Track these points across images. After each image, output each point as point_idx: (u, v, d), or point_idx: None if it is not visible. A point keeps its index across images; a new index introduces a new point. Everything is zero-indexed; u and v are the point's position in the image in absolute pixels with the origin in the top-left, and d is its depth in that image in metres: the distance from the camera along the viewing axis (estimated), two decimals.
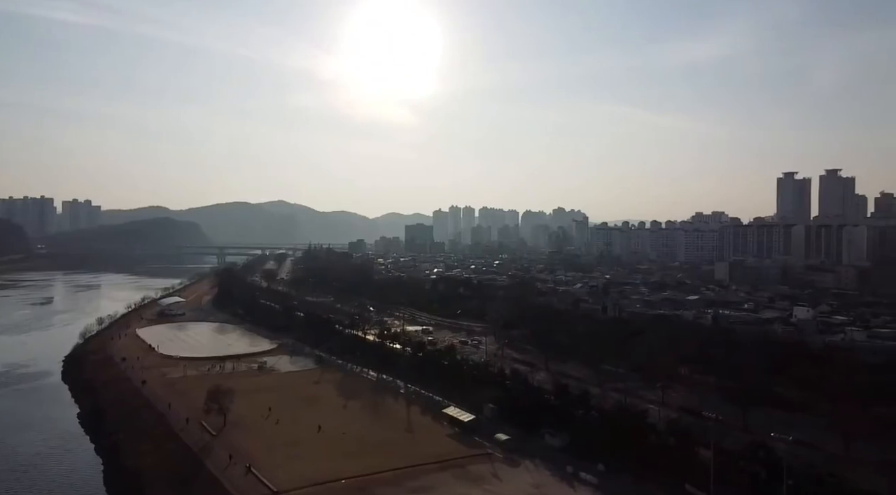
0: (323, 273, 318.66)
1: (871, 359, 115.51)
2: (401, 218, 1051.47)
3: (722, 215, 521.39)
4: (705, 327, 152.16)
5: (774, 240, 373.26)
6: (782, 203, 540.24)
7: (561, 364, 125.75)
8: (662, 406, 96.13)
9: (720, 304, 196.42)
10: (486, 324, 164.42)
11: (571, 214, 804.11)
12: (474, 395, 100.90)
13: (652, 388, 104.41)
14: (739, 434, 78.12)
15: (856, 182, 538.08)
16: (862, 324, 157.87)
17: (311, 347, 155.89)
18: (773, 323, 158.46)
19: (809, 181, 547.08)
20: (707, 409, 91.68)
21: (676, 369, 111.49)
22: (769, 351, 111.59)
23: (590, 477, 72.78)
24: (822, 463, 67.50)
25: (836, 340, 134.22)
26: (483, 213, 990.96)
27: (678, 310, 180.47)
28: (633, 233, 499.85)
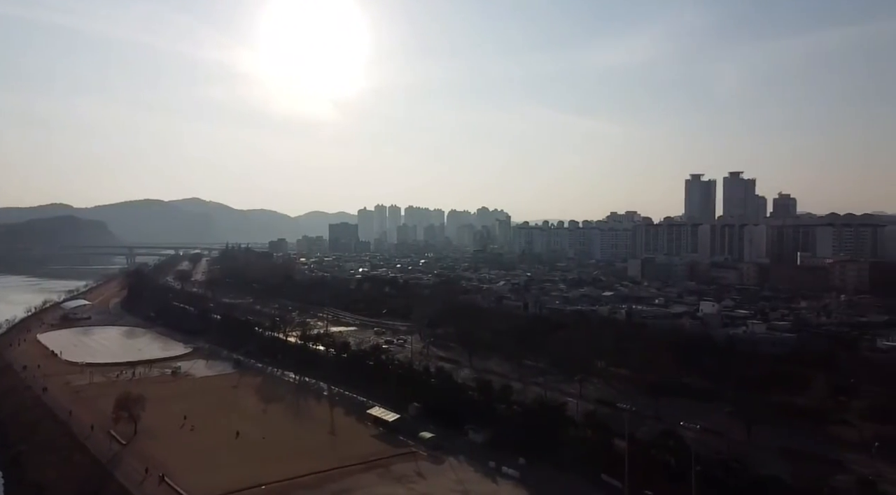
0: (241, 274, 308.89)
1: (770, 350, 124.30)
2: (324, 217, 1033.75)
3: (635, 215, 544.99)
4: (620, 322, 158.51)
5: (683, 239, 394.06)
6: (690, 203, 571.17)
7: (485, 360, 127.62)
8: (580, 399, 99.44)
9: (633, 300, 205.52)
10: (411, 323, 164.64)
11: (495, 214, 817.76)
12: (399, 395, 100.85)
13: (571, 382, 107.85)
14: (652, 423, 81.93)
15: (756, 183, 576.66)
16: (762, 317, 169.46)
17: (228, 351, 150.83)
18: (681, 317, 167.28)
19: (714, 183, 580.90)
20: (622, 401, 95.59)
21: (593, 363, 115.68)
22: (678, 343, 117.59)
23: (511, 471, 74.36)
24: (728, 449, 71.89)
25: (738, 333, 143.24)
26: (409, 212, 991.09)
27: (594, 306, 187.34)
28: (552, 233, 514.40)
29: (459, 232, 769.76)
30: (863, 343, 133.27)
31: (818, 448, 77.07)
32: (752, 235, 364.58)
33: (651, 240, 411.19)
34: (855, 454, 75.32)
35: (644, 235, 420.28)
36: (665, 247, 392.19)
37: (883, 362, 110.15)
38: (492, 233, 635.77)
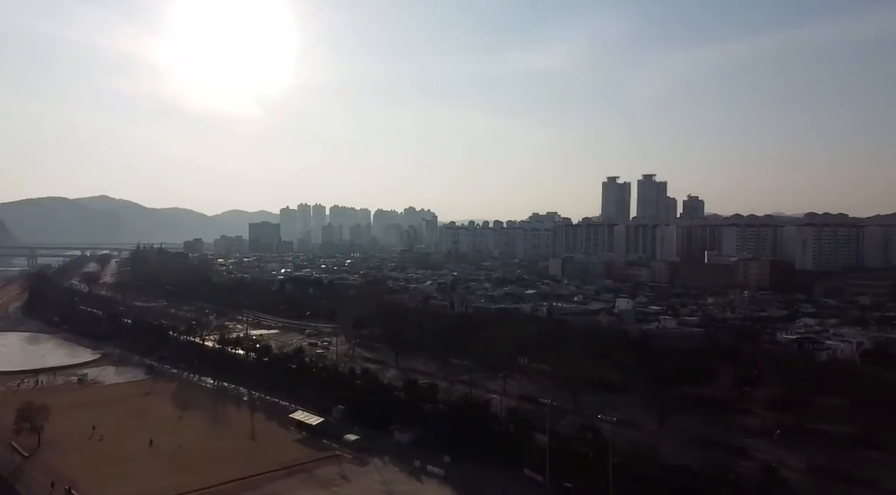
0: (154, 275, 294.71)
1: (681, 344, 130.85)
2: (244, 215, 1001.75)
3: (556, 215, 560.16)
4: (541, 319, 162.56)
5: (600, 239, 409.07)
6: (607, 205, 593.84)
7: (411, 360, 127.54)
8: (504, 395, 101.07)
9: (554, 298, 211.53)
10: (336, 324, 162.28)
11: (422, 214, 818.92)
12: (323, 397, 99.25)
13: (495, 379, 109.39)
14: (572, 417, 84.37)
15: (668, 186, 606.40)
16: (673, 313, 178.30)
17: (140, 356, 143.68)
18: (598, 313, 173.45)
19: (629, 185, 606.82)
20: (543, 396, 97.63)
21: (517, 359, 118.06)
22: (596, 339, 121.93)
23: (436, 470, 74.76)
24: (642, 439, 75.05)
25: (651, 328, 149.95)
26: (334, 212, 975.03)
27: (518, 304, 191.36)
28: (478, 232, 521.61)
29: (386, 231, 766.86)
30: (764, 336, 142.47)
31: (724, 436, 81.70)
32: (664, 235, 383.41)
33: (571, 239, 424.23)
34: (758, 441, 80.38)
35: (564, 235, 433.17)
36: (584, 246, 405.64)
37: (782, 354, 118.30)
38: (419, 233, 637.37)
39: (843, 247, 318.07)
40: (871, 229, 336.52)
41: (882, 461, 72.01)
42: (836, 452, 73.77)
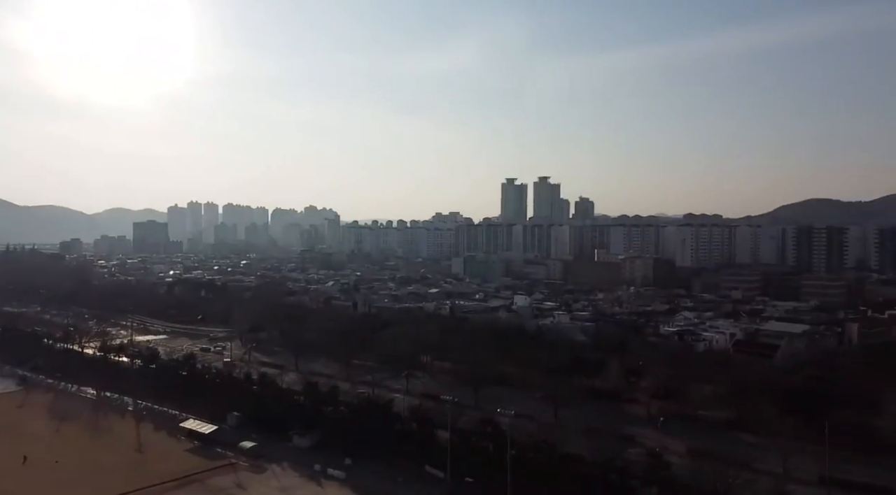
0: (26, 279, 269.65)
1: (573, 338, 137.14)
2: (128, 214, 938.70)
3: (458, 215, 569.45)
4: (444, 317, 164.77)
5: (500, 238, 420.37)
6: (506, 205, 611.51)
7: (312, 362, 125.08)
8: (407, 394, 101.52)
9: (456, 296, 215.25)
10: (231, 328, 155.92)
11: (324, 213, 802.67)
12: (217, 405, 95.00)
13: (398, 378, 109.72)
14: (472, 413, 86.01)
15: (561, 188, 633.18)
16: (566, 308, 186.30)
17: (11, 367, 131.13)
18: (498, 310, 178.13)
19: (526, 186, 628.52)
20: (445, 393, 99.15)
21: (419, 358, 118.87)
22: (496, 335, 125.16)
23: (337, 473, 73.82)
24: (538, 431, 77.81)
25: (547, 323, 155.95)
26: (228, 210, 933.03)
27: (421, 303, 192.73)
28: (381, 232, 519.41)
29: (285, 231, 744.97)
30: (648, 329, 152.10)
31: (614, 425, 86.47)
32: (558, 235, 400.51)
33: (472, 239, 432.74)
34: (644, 429, 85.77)
35: (466, 235, 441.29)
36: (484, 245, 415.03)
37: (665, 346, 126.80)
38: (320, 233, 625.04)
39: (717, 246, 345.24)
40: (742, 229, 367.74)
41: (754, 444, 78.76)
42: (713, 436, 79.90)
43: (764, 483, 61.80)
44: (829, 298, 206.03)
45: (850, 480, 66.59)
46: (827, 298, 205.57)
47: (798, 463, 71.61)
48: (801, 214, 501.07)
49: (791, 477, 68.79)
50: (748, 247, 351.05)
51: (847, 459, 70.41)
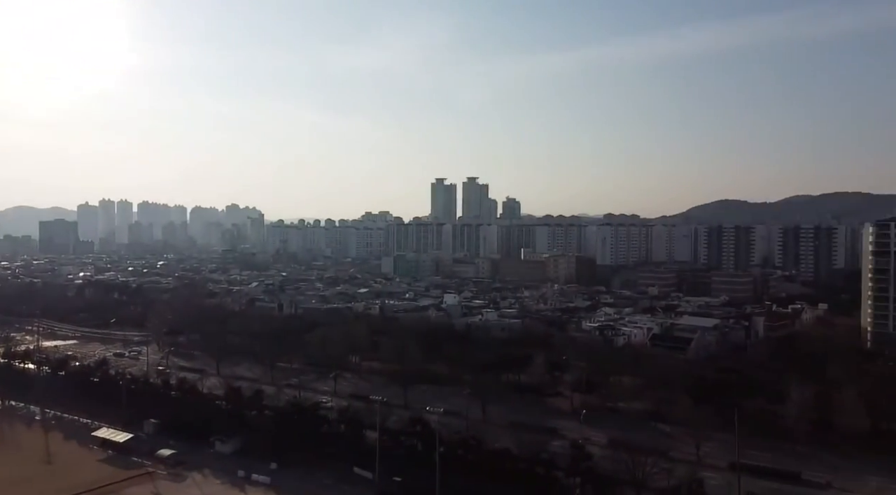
0: None
1: (500, 335, 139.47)
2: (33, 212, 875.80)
3: (388, 215, 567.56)
4: (374, 317, 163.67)
5: (429, 237, 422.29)
6: (435, 205, 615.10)
7: (234, 366, 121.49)
8: (335, 395, 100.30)
9: (386, 295, 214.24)
10: (147, 332, 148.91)
11: (246, 212, 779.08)
12: (133, 412, 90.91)
13: (326, 379, 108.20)
14: (401, 412, 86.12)
15: (489, 188, 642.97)
16: (494, 306, 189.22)
17: None
18: (428, 309, 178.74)
19: (456, 186, 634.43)
20: (374, 393, 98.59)
21: (348, 358, 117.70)
22: (425, 334, 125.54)
23: (262, 478, 72.06)
24: (467, 428, 78.79)
25: (475, 321, 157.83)
26: (143, 209, 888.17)
27: (350, 303, 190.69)
28: (308, 231, 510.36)
29: (205, 230, 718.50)
30: (571, 325, 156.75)
31: (539, 419, 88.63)
32: (486, 234, 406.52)
33: (402, 238, 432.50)
34: (567, 421, 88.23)
35: (396, 234, 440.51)
36: (415, 244, 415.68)
37: (586, 341, 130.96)
38: (243, 232, 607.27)
39: (635, 245, 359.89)
40: (658, 228, 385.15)
41: (670, 433, 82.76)
42: (632, 427, 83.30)
43: (679, 470, 64.90)
44: (737, 294, 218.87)
45: (758, 465, 71.06)
46: (735, 294, 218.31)
47: (710, 451, 75.88)
48: (712, 214, 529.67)
49: (704, 464, 72.76)
50: (664, 245, 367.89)
51: (755, 445, 75.07)
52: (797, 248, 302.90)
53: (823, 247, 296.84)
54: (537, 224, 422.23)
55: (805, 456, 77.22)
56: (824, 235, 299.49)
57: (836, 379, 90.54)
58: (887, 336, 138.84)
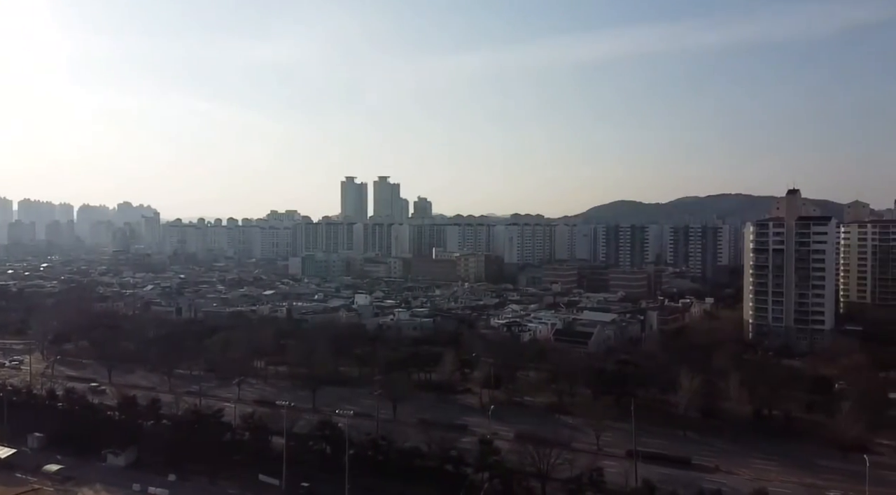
0: None
1: (412, 334, 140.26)
2: None
3: (295, 213, 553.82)
4: (280, 319, 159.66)
5: (340, 237, 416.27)
6: (345, 203, 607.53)
7: (128, 374, 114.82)
8: (239, 402, 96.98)
9: (294, 297, 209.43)
10: (30, 339, 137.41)
11: (140, 210, 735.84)
12: (15, 426, 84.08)
13: (229, 386, 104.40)
14: (310, 416, 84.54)
15: (401, 187, 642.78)
16: (405, 305, 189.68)
17: None
18: (338, 310, 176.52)
19: (366, 185, 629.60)
20: (281, 398, 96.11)
21: (252, 363, 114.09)
22: (335, 335, 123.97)
23: (159, 491, 68.48)
24: (377, 429, 78.52)
25: (387, 321, 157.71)
26: (24, 206, 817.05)
27: (255, 306, 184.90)
28: (209, 231, 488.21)
29: (94, 230, 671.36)
30: (481, 322, 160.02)
31: (449, 416, 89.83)
32: (398, 233, 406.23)
33: (311, 238, 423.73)
34: (477, 417, 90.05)
35: (304, 234, 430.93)
36: (324, 244, 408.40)
37: (495, 337, 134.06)
38: (137, 232, 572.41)
39: (540, 244, 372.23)
40: (560, 228, 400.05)
41: (572, 425, 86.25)
42: (537, 420, 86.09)
43: (581, 460, 67.87)
44: (633, 290, 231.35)
45: (652, 452, 75.54)
46: (631, 290, 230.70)
47: (610, 440, 79.95)
48: (610, 215, 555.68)
49: (604, 453, 76.54)
50: (566, 244, 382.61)
51: (650, 433, 79.90)
52: (687, 246, 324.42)
53: (710, 246, 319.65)
54: (448, 224, 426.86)
55: (695, 441, 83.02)
56: (711, 234, 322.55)
57: (721, 369, 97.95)
58: (766, 327, 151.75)
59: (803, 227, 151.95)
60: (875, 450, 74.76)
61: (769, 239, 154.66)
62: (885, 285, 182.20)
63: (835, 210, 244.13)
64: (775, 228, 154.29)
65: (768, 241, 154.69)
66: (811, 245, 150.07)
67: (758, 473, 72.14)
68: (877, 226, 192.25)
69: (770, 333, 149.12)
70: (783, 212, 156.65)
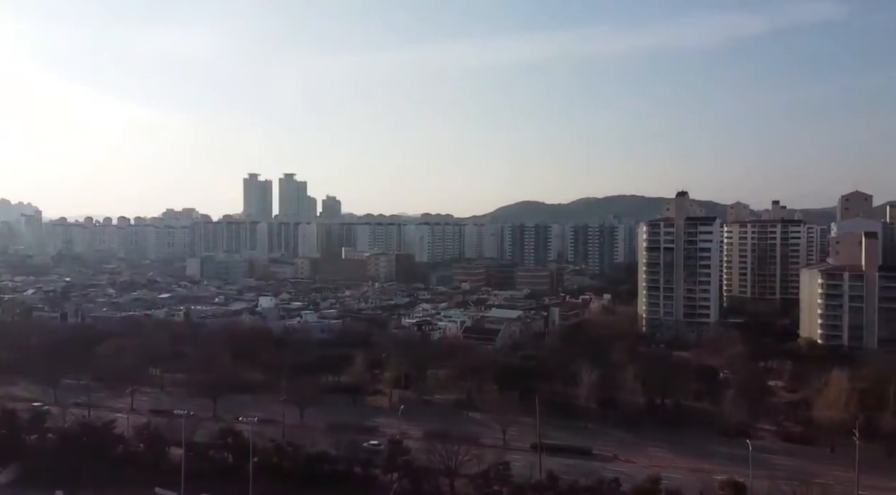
0: None
1: (320, 337, 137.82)
2: None
3: (193, 212, 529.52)
4: (177, 325, 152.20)
5: (242, 237, 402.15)
6: (249, 202, 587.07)
7: (9, 386, 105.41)
8: (132, 412, 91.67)
9: (192, 300, 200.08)
10: None
11: (19, 208, 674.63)
12: None
13: (121, 396, 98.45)
14: (210, 424, 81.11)
15: (308, 186, 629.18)
16: (314, 307, 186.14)
17: None
18: (241, 313, 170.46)
19: (271, 183, 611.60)
20: (179, 407, 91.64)
21: (146, 371, 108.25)
22: (237, 340, 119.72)
23: None
24: (283, 435, 76.56)
25: (294, 323, 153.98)
26: None
27: (150, 310, 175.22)
28: (97, 230, 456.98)
29: None
30: (392, 322, 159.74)
31: (359, 418, 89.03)
32: (305, 233, 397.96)
33: (211, 237, 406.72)
34: (387, 418, 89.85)
35: (203, 233, 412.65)
36: (225, 244, 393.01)
37: (405, 337, 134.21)
38: (15, 231, 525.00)
39: (450, 243, 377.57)
40: (470, 227, 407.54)
41: (480, 420, 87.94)
42: (446, 418, 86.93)
43: (488, 455, 69.38)
44: (537, 286, 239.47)
45: (556, 444, 78.37)
46: (536, 287, 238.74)
47: (515, 434, 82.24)
48: (515, 214, 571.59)
49: (510, 447, 78.58)
50: (475, 243, 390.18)
51: (554, 425, 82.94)
52: (586, 245, 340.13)
53: (607, 244, 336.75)
54: (358, 223, 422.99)
55: (595, 432, 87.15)
56: (608, 233, 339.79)
57: (617, 362, 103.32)
58: (658, 321, 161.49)
59: (691, 227, 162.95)
60: (756, 435, 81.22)
61: (660, 238, 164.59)
62: (763, 280, 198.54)
63: (719, 211, 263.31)
64: (666, 228, 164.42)
65: (660, 240, 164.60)
66: (698, 244, 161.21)
67: (652, 460, 76.63)
68: (756, 225, 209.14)
69: (662, 326, 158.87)
70: (673, 213, 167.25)
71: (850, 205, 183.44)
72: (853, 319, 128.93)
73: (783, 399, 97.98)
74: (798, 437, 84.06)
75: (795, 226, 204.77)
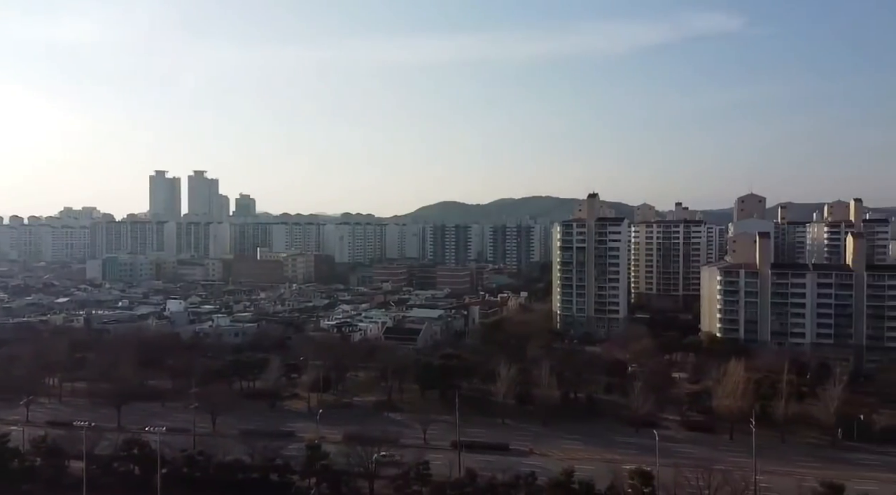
0: None
1: (233, 341, 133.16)
2: None
3: (94, 211, 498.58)
4: (77, 330, 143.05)
5: (148, 237, 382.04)
6: (155, 200, 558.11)
7: None
8: (28, 424, 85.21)
9: (93, 304, 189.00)
10: None
11: None
12: None
13: (15, 407, 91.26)
14: (115, 435, 76.65)
15: (220, 184, 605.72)
16: (226, 310, 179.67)
17: None
18: (147, 318, 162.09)
19: (180, 180, 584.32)
20: (80, 417, 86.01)
21: (43, 380, 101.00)
22: (143, 345, 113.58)
23: None
24: (194, 444, 73.42)
25: (205, 328, 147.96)
26: None
27: (46, 316, 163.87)
28: None
29: None
30: (310, 324, 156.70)
31: (275, 423, 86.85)
32: (217, 233, 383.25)
33: (114, 238, 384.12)
34: (305, 422, 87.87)
35: (105, 233, 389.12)
36: (129, 245, 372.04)
37: (324, 339, 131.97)
38: None
39: (371, 243, 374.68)
40: (391, 227, 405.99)
41: (400, 421, 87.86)
42: (366, 420, 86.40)
43: (408, 455, 69.42)
44: (457, 286, 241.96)
45: (475, 441, 79.47)
46: (456, 286, 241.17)
47: (436, 433, 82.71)
48: (436, 215, 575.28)
49: (430, 446, 78.94)
50: (396, 243, 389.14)
51: (473, 422, 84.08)
52: (504, 244, 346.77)
53: (524, 244, 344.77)
54: (274, 222, 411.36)
55: (512, 427, 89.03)
56: (524, 233, 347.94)
57: (534, 358, 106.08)
58: (571, 317, 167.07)
59: (601, 227, 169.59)
60: (662, 425, 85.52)
61: (573, 237, 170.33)
62: (667, 278, 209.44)
63: (627, 211, 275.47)
64: (578, 228, 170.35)
65: (572, 240, 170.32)
66: (608, 243, 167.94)
67: (566, 453, 79.11)
68: (661, 225, 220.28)
69: (575, 323, 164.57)
70: (585, 214, 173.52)
71: (746, 207, 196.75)
72: (749, 314, 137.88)
73: (686, 390, 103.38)
74: (700, 426, 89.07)
75: (697, 226, 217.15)
